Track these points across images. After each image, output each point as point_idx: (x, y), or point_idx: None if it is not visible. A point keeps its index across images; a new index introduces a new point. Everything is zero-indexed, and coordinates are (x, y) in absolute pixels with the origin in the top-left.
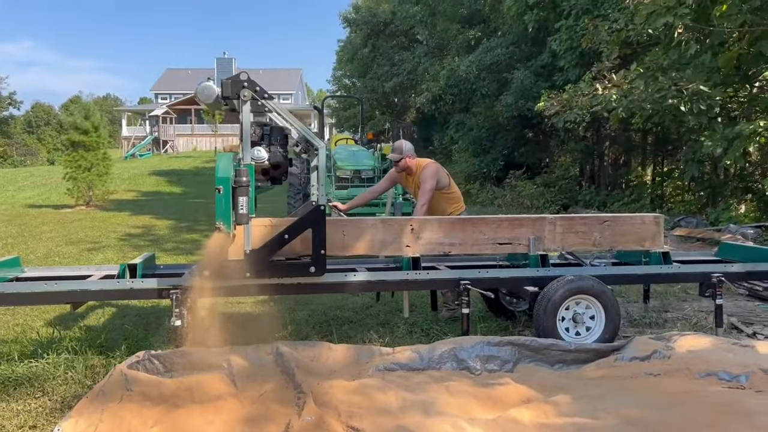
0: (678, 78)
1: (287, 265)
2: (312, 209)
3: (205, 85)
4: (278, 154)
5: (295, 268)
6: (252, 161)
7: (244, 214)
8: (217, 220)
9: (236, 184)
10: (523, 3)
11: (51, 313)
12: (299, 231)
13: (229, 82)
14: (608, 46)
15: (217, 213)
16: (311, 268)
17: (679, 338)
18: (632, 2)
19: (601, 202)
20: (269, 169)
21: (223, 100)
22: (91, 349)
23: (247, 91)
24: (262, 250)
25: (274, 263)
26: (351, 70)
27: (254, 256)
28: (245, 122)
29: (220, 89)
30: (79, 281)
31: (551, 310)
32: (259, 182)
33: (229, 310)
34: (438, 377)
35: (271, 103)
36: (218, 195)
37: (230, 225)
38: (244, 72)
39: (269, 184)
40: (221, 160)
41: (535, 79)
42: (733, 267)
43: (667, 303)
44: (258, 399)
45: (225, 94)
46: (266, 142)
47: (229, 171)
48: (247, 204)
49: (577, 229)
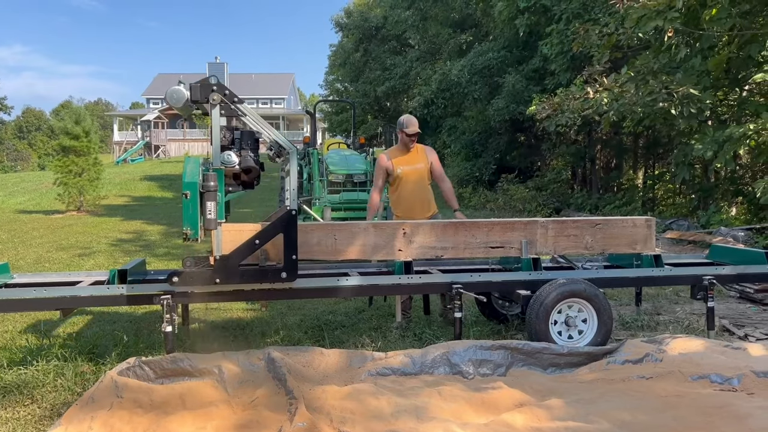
0: (668, 81)
1: (258, 271)
2: (283, 214)
3: (174, 89)
4: (249, 158)
5: (267, 274)
6: (222, 166)
7: (212, 219)
8: (184, 226)
9: (204, 188)
10: (514, 7)
11: (40, 319)
12: (270, 236)
13: (198, 86)
14: (599, 50)
15: (184, 218)
16: (283, 274)
17: (671, 341)
18: (622, 6)
19: (593, 205)
20: (240, 174)
21: (193, 104)
22: (81, 356)
23: (216, 95)
24: (231, 255)
25: (244, 269)
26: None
27: (224, 262)
28: (215, 126)
29: (189, 93)
30: (69, 287)
31: (543, 314)
32: (230, 187)
33: (222, 316)
34: (431, 382)
35: (241, 107)
36: (185, 200)
37: (197, 230)
38: (214, 76)
39: (241, 189)
40: (188, 165)
41: (526, 83)
42: (724, 269)
43: (660, 306)
44: (250, 405)
45: (194, 98)
46: (237, 147)
47: (197, 176)
48: (216, 209)
49: (569, 233)
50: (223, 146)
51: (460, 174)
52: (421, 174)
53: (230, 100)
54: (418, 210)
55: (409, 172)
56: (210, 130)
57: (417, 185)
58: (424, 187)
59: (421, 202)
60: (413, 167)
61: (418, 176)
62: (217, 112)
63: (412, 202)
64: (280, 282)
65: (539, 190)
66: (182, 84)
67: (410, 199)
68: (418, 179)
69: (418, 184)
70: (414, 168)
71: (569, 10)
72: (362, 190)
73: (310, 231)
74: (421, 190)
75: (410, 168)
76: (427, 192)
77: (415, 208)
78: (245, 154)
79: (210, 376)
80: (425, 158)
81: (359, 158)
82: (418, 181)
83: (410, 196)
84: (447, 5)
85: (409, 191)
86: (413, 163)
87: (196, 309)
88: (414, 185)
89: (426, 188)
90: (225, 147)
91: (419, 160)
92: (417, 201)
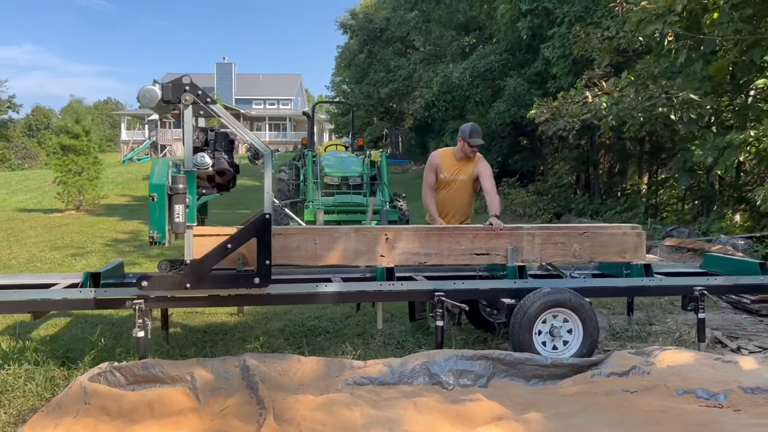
0: (668, 86)
1: (230, 276)
2: (257, 218)
3: (147, 89)
4: (223, 160)
5: (239, 280)
6: (194, 168)
7: (180, 222)
8: (150, 229)
9: (172, 191)
10: (516, 10)
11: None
12: (243, 241)
13: (170, 86)
14: (600, 54)
15: (150, 222)
16: (256, 279)
17: (659, 353)
18: (621, 10)
19: (595, 210)
20: (214, 176)
21: (165, 104)
22: (54, 360)
23: (188, 95)
24: (203, 260)
25: (216, 274)
26: (348, 76)
27: (194, 267)
28: (187, 127)
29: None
30: (41, 290)
31: (527, 324)
32: (204, 189)
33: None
34: (409, 392)
35: (215, 108)
36: (151, 203)
37: (165, 234)
38: (187, 75)
39: (215, 191)
40: (156, 166)
41: (528, 86)
42: (717, 280)
43: (653, 315)
44: (219, 414)
45: (166, 98)
46: (211, 148)
47: (164, 178)
48: (184, 212)
49: (556, 240)
50: (196, 148)
51: None
52: (464, 185)
53: (203, 100)
54: (450, 216)
55: (453, 181)
56: (182, 131)
57: (456, 195)
58: (463, 197)
59: (455, 209)
60: (457, 177)
61: (459, 187)
62: (189, 113)
63: (448, 208)
64: (253, 287)
65: (540, 195)
66: (156, 84)
67: (446, 204)
68: (458, 190)
69: (457, 193)
70: (457, 178)
71: (571, 13)
72: (357, 192)
73: (290, 235)
74: (458, 199)
75: (454, 177)
76: (463, 202)
77: (449, 213)
78: (219, 156)
79: (182, 383)
80: (472, 171)
81: (355, 160)
82: (458, 191)
83: (446, 202)
84: (451, 7)
85: (447, 197)
86: (459, 173)
87: (179, 313)
88: (453, 193)
89: (464, 198)
90: (198, 149)
91: (465, 172)
92: (451, 207)
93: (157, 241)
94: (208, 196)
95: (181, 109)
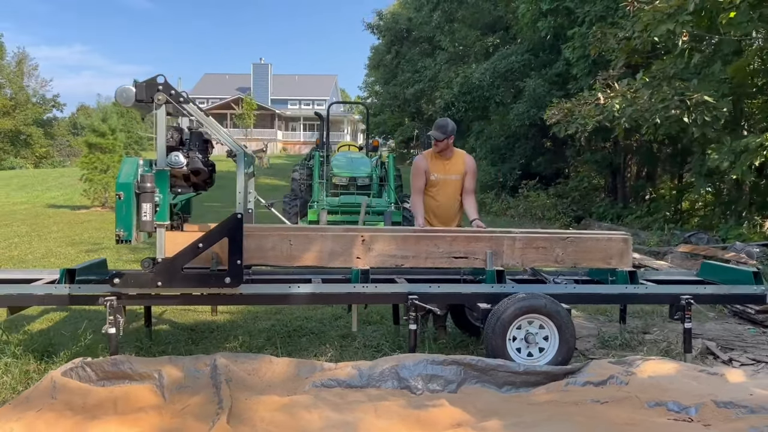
0: (683, 88)
1: (201, 276)
2: (229, 218)
3: (123, 88)
4: (197, 159)
5: (210, 279)
6: (167, 167)
7: (147, 221)
8: (117, 227)
9: (140, 190)
10: (536, 9)
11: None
12: (214, 240)
13: (143, 85)
14: (617, 55)
15: (116, 220)
16: (226, 279)
17: (641, 363)
18: (632, 9)
19: (616, 215)
20: (190, 175)
21: (139, 103)
22: (33, 354)
23: (161, 94)
24: (174, 258)
25: (188, 273)
26: (377, 77)
27: (165, 265)
28: (160, 127)
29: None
30: (17, 285)
31: (500, 329)
32: (180, 188)
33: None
34: (375, 396)
35: (187, 107)
36: (118, 201)
37: (131, 232)
38: (161, 75)
39: (191, 190)
40: (125, 165)
41: (549, 87)
42: (706, 289)
43: (651, 323)
44: (180, 412)
45: (139, 97)
46: (186, 148)
47: (131, 177)
48: (152, 211)
49: (538, 245)
50: (171, 147)
51: (484, 179)
52: (455, 186)
53: (176, 99)
54: (444, 218)
55: (443, 181)
56: (155, 130)
57: (449, 196)
58: (454, 198)
59: (449, 212)
60: (447, 177)
61: (449, 188)
62: (162, 112)
63: (441, 211)
64: (224, 287)
65: (560, 198)
66: (135, 83)
67: (439, 207)
68: (451, 191)
69: (451, 196)
70: (447, 178)
71: (592, 13)
72: (364, 193)
73: (265, 235)
74: (452, 201)
75: (444, 177)
76: (454, 202)
77: (442, 216)
78: (193, 156)
79: (150, 380)
80: (462, 170)
81: (365, 161)
82: (451, 193)
83: (439, 205)
84: (477, 7)
85: (439, 201)
86: (449, 173)
87: (172, 310)
88: (445, 196)
89: (455, 199)
90: (173, 148)
91: (455, 171)
92: (445, 210)
93: (124, 239)
94: (183, 195)
95: (154, 108)
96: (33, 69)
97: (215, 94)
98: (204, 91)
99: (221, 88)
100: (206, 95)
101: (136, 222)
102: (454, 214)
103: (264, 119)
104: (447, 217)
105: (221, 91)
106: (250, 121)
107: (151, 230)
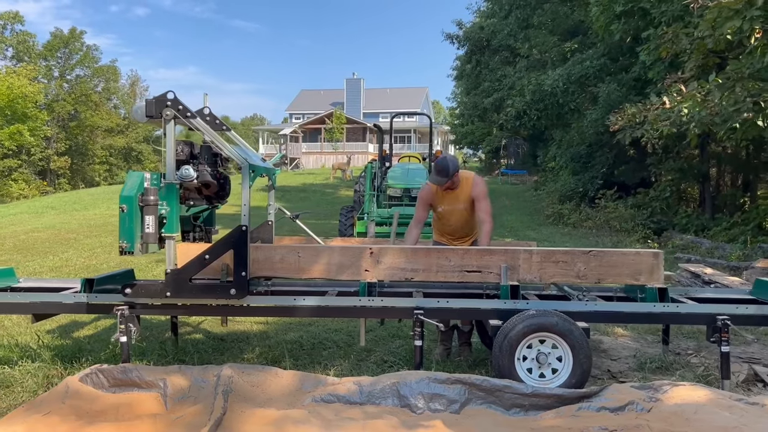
0: (758, 89)
1: (208, 287)
2: (234, 230)
3: (138, 106)
4: (206, 172)
5: (216, 290)
6: (177, 180)
7: (150, 233)
8: (120, 239)
9: (143, 202)
10: (611, 12)
11: (77, 321)
12: (220, 252)
13: (153, 102)
14: (690, 56)
15: (120, 232)
16: (232, 291)
17: (670, 389)
18: (695, 6)
19: (701, 226)
20: (201, 188)
21: (147, 119)
22: (62, 360)
23: (169, 110)
24: (183, 269)
25: (196, 284)
26: (461, 87)
27: (174, 276)
28: (168, 140)
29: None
30: (41, 294)
31: (507, 348)
32: (194, 201)
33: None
34: (371, 414)
35: (194, 122)
36: (121, 213)
37: (134, 244)
38: (171, 91)
39: (205, 202)
40: (129, 179)
41: (626, 92)
42: (747, 309)
43: (705, 345)
44: (173, 423)
45: (149, 113)
46: (197, 161)
47: (134, 190)
48: (155, 223)
49: (557, 259)
50: (182, 161)
51: (563, 189)
52: (462, 214)
53: (183, 115)
54: (460, 234)
55: (450, 211)
56: (164, 144)
57: (459, 218)
58: (466, 222)
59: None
60: (454, 207)
61: (459, 216)
62: (171, 127)
63: (454, 230)
64: (230, 299)
65: (639, 209)
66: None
67: (452, 227)
68: (459, 218)
69: (462, 218)
70: (454, 208)
71: (669, 13)
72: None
73: (274, 248)
74: (465, 221)
75: (451, 208)
76: (467, 225)
77: (457, 233)
78: (202, 169)
79: (155, 388)
80: (469, 197)
81: (422, 172)
82: (459, 220)
83: (452, 226)
84: (555, 13)
85: (452, 224)
86: (455, 203)
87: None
88: (456, 219)
89: (467, 222)
90: (184, 161)
91: (462, 200)
92: (459, 229)
93: (127, 251)
94: (197, 207)
95: (163, 124)
96: (144, 90)
97: (310, 109)
98: (300, 106)
99: (316, 103)
100: (302, 111)
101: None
102: (470, 230)
103: (356, 132)
104: (463, 232)
105: (316, 106)
106: (340, 134)
107: (154, 242)
